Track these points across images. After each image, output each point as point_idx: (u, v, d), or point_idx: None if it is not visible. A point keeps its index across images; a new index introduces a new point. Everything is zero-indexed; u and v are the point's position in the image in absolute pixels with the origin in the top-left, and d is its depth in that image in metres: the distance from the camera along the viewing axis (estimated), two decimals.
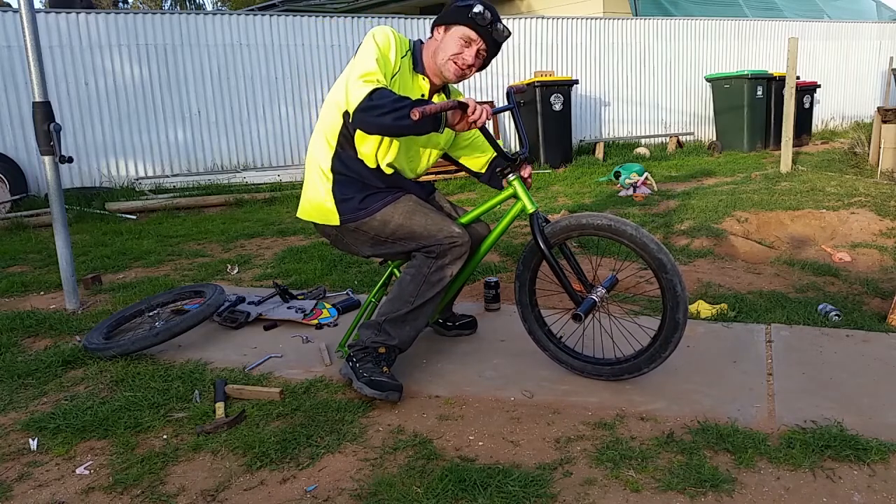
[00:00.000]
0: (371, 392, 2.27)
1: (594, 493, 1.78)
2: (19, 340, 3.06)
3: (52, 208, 3.46)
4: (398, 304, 2.38)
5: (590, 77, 10.08)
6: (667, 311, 2.24)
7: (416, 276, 2.37)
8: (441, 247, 2.34)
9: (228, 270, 4.24)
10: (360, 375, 2.33)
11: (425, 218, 2.38)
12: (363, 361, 2.37)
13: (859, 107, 12.10)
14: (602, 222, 2.27)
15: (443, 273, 2.37)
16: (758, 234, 4.73)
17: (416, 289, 2.36)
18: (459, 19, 2.30)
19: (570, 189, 6.92)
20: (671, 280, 2.20)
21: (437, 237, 2.34)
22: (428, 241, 2.35)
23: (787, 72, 7.00)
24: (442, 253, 2.35)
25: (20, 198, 6.87)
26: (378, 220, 2.38)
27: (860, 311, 3.12)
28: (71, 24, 7.37)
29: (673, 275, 2.19)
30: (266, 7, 13.64)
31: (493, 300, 3.25)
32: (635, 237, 2.22)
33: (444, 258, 2.35)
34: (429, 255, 2.37)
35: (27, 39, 3.26)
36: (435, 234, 2.35)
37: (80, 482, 1.92)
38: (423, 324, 2.44)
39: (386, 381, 2.29)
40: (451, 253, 2.35)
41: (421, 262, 2.37)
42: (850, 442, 1.94)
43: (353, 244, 2.48)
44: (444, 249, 2.34)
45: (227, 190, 7.34)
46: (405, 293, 2.37)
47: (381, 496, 1.79)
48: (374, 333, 2.39)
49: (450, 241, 2.34)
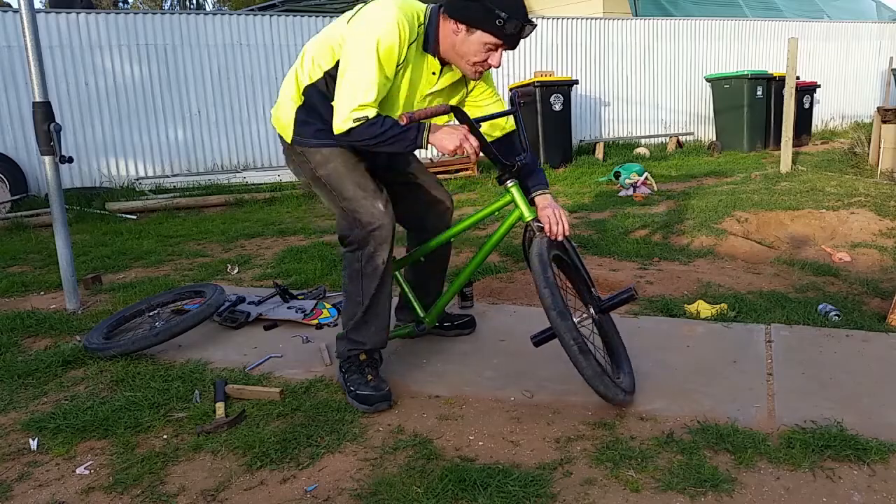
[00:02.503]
0: (359, 407, 2.27)
1: (594, 493, 1.78)
2: (19, 340, 3.06)
3: (52, 208, 3.46)
4: (351, 308, 2.37)
5: (590, 77, 10.08)
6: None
7: (353, 275, 2.34)
8: (360, 234, 2.28)
9: (228, 270, 4.24)
10: (349, 389, 2.33)
11: (361, 180, 2.30)
12: (350, 373, 2.36)
13: (859, 107, 12.10)
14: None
15: (374, 262, 2.30)
16: (758, 234, 4.73)
17: (357, 287, 2.33)
18: (486, 26, 2.08)
19: (570, 189, 6.92)
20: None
21: (358, 213, 2.27)
22: (348, 208, 2.28)
23: (786, 72, 7.00)
24: (363, 242, 2.28)
25: (20, 198, 6.87)
26: (322, 154, 2.31)
27: (860, 311, 3.12)
28: (71, 24, 7.38)
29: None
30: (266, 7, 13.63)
31: (466, 298, 3.27)
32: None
33: (368, 246, 2.28)
34: (352, 251, 2.32)
35: (27, 39, 3.26)
36: (356, 209, 2.27)
37: (80, 482, 1.92)
38: (386, 316, 2.39)
39: (371, 394, 2.27)
40: (372, 240, 2.27)
41: (349, 260, 2.34)
42: (850, 442, 1.94)
43: (297, 170, 2.45)
44: (363, 237, 2.28)
45: (228, 190, 7.34)
46: (352, 295, 2.36)
47: (381, 496, 1.79)
48: (345, 344, 2.39)
49: (368, 226, 2.26)
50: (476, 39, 2.12)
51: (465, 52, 2.16)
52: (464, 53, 2.17)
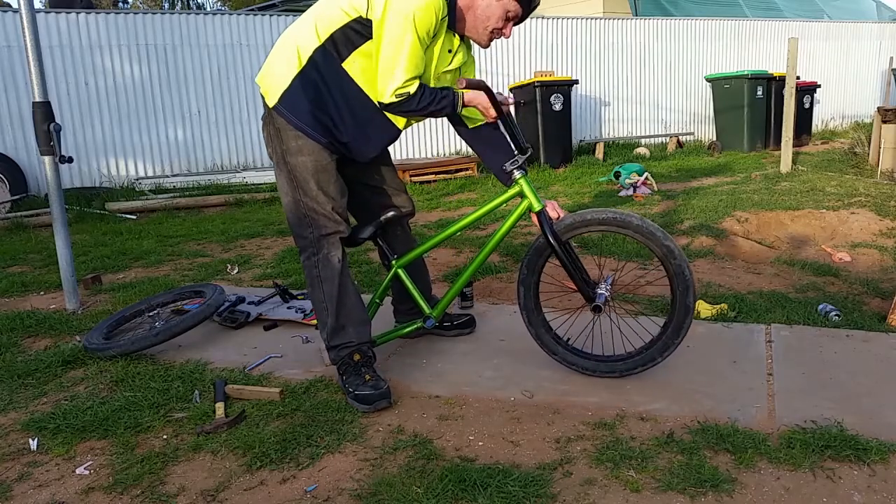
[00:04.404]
0: (360, 407, 2.28)
1: (594, 494, 1.78)
2: (19, 340, 3.06)
3: (52, 208, 3.46)
4: (322, 316, 2.38)
5: (590, 77, 10.08)
6: (677, 296, 2.30)
7: (313, 283, 2.36)
8: (312, 236, 2.31)
9: (228, 270, 4.24)
10: (347, 391, 2.33)
11: (325, 184, 2.30)
12: (347, 374, 2.37)
13: (859, 107, 12.10)
14: (607, 216, 2.31)
15: (330, 263, 2.33)
16: (758, 234, 4.73)
17: (320, 293, 2.35)
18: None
19: (570, 189, 6.92)
20: (680, 266, 2.27)
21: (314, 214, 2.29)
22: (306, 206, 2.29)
23: (787, 72, 7.00)
24: (317, 246, 2.32)
25: (20, 198, 6.87)
26: (298, 142, 2.26)
27: (860, 312, 3.12)
28: (71, 24, 7.37)
29: (681, 260, 2.27)
30: (266, 7, 13.64)
31: (466, 298, 3.27)
32: (641, 227, 2.28)
33: (322, 251, 2.32)
34: (307, 257, 2.35)
35: (27, 39, 3.26)
36: (314, 209, 2.29)
37: (80, 482, 1.92)
38: (359, 311, 2.39)
39: (370, 393, 2.27)
40: (325, 243, 2.32)
41: (307, 269, 2.36)
42: (850, 442, 1.94)
43: (268, 140, 2.35)
44: (316, 240, 2.31)
45: (227, 190, 7.34)
46: (318, 302, 2.37)
47: (381, 496, 1.79)
48: (334, 351, 2.39)
49: (322, 230, 2.30)
50: (500, 5, 2.23)
51: (488, 15, 2.24)
52: (486, 18, 2.24)
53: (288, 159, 2.29)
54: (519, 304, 2.49)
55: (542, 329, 2.48)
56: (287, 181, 2.33)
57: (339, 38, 2.20)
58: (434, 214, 5.91)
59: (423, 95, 2.20)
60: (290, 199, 2.34)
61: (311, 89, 2.23)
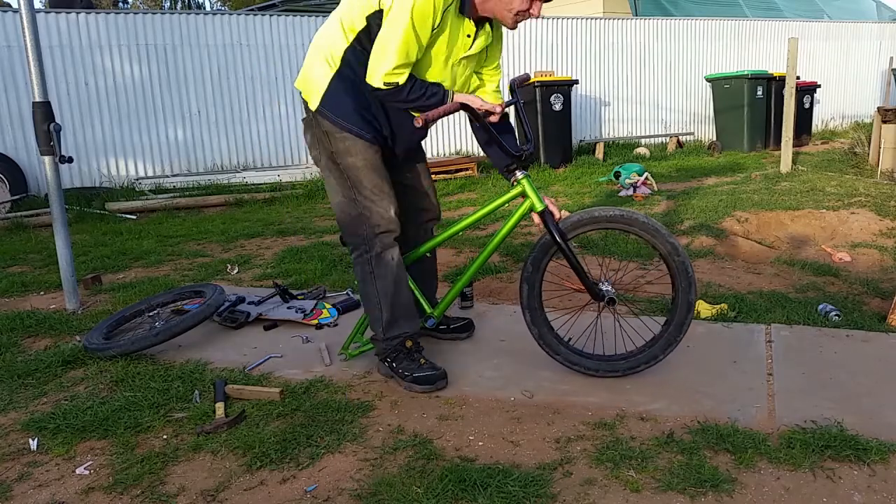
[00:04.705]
0: (422, 388, 2.35)
1: (594, 494, 1.78)
2: (19, 340, 3.06)
3: (52, 208, 3.46)
4: (373, 311, 2.44)
5: (590, 77, 10.08)
6: (679, 293, 2.33)
7: (365, 278, 2.40)
8: (365, 234, 2.35)
9: (228, 270, 4.24)
10: (404, 375, 2.39)
11: (378, 181, 2.34)
12: (399, 360, 2.42)
13: (859, 107, 12.10)
14: (614, 213, 2.34)
15: (383, 260, 2.37)
16: (758, 234, 4.73)
17: (373, 289, 2.41)
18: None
19: (570, 189, 6.92)
20: (683, 263, 2.30)
21: (369, 212, 2.33)
22: (361, 204, 2.32)
23: (787, 72, 7.00)
24: (369, 244, 2.36)
25: (20, 198, 6.87)
26: (347, 143, 2.30)
27: (860, 311, 3.12)
28: (71, 24, 7.37)
29: (684, 257, 2.30)
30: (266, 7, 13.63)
31: (466, 298, 3.28)
32: (647, 225, 2.32)
33: (374, 248, 2.36)
34: (360, 254, 2.39)
35: (27, 39, 3.26)
36: (369, 208, 2.32)
37: (80, 482, 1.92)
38: (410, 303, 2.45)
39: (430, 374, 2.37)
40: (378, 241, 2.36)
41: (360, 265, 2.41)
42: (850, 442, 1.94)
43: (313, 142, 2.39)
44: (369, 239, 2.35)
45: (227, 190, 7.34)
46: (370, 297, 2.42)
47: (381, 496, 1.79)
48: (383, 343, 2.44)
49: (376, 228, 2.34)
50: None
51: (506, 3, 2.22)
52: (507, 3, 2.22)
53: (338, 161, 2.34)
54: (522, 303, 2.46)
55: (545, 329, 2.46)
56: (338, 181, 2.36)
57: (364, 35, 2.24)
58: None
59: (413, 88, 2.22)
60: (342, 198, 2.37)
61: (349, 88, 2.29)
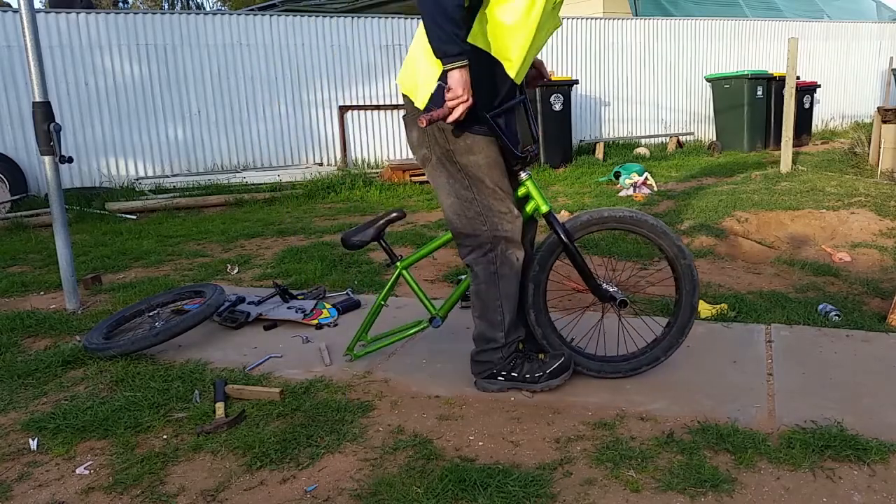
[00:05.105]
0: (561, 379, 2.32)
1: (594, 494, 1.78)
2: (19, 340, 3.06)
3: (52, 208, 3.46)
4: (492, 313, 2.30)
5: (590, 77, 10.07)
6: (683, 296, 2.36)
7: (489, 279, 2.27)
8: (487, 235, 2.23)
9: (228, 270, 4.24)
10: (535, 378, 2.32)
11: (500, 179, 2.22)
12: (520, 367, 2.33)
13: (859, 107, 12.09)
14: (622, 214, 2.35)
15: (509, 261, 2.26)
16: (758, 234, 4.73)
17: (496, 291, 2.28)
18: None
19: (570, 189, 6.92)
20: (689, 266, 2.33)
21: (490, 212, 2.21)
22: (483, 204, 2.21)
23: (787, 72, 6.99)
24: (493, 243, 2.24)
25: (20, 198, 6.87)
26: (466, 142, 2.17)
27: (860, 312, 3.12)
28: (71, 24, 7.37)
29: (690, 261, 2.33)
30: (266, 7, 13.64)
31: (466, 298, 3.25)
32: (655, 227, 2.33)
33: (499, 246, 2.25)
34: (482, 254, 2.27)
35: (27, 39, 3.26)
36: (491, 208, 2.21)
37: (80, 482, 1.92)
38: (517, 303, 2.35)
39: (559, 363, 2.32)
40: (503, 241, 2.24)
41: (483, 265, 2.27)
42: (850, 442, 1.94)
43: (422, 141, 2.23)
44: (492, 239, 2.24)
45: (227, 190, 7.33)
46: (491, 299, 2.29)
47: (381, 496, 1.79)
48: (504, 349, 2.33)
49: (499, 228, 2.22)
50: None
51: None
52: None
53: (457, 159, 2.21)
54: (527, 302, 2.42)
55: (548, 329, 2.44)
56: (452, 181, 2.23)
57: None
58: (434, 215, 5.91)
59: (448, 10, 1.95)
60: (456, 199, 2.24)
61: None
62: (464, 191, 2.23)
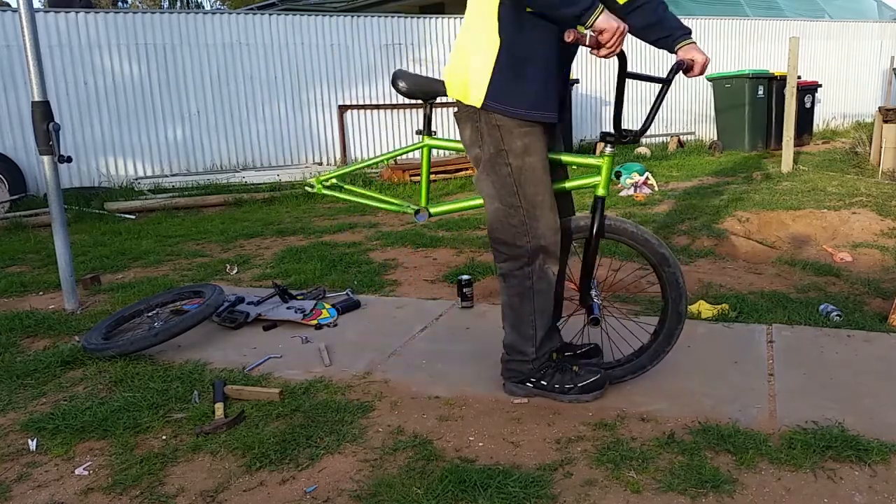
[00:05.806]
0: (587, 397, 2.24)
1: (595, 494, 1.77)
2: (18, 340, 3.05)
3: (50, 208, 3.45)
4: (527, 331, 2.23)
5: (590, 77, 10.07)
6: (669, 304, 2.29)
7: (523, 294, 2.19)
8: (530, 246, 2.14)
9: (228, 270, 4.23)
10: (565, 389, 2.25)
11: (546, 187, 2.12)
12: (551, 377, 2.27)
13: (860, 106, 12.09)
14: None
15: (546, 276, 2.18)
16: (759, 234, 4.72)
17: (529, 306, 2.20)
18: None
19: None
20: (674, 273, 2.26)
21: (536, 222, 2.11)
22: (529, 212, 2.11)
23: (788, 71, 6.99)
24: (532, 255, 2.15)
25: (19, 198, 6.86)
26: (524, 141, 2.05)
27: (861, 312, 3.11)
28: (70, 23, 7.37)
29: (675, 268, 2.26)
30: (266, 7, 13.65)
31: (466, 298, 3.26)
32: (636, 234, 2.27)
33: (537, 260, 2.16)
34: (519, 267, 2.18)
35: (27, 39, 3.25)
36: (538, 218, 2.11)
37: (79, 483, 1.92)
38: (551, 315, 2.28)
39: (593, 380, 2.25)
40: (542, 253, 2.16)
41: (518, 279, 2.19)
42: (851, 442, 1.94)
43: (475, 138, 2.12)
44: (533, 250, 2.15)
45: (227, 190, 7.33)
46: (524, 314, 2.22)
47: (380, 497, 1.78)
48: (534, 363, 2.27)
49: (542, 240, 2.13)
50: None
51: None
52: None
53: (510, 161, 2.09)
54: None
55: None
56: (499, 186, 2.12)
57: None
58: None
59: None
60: (501, 205, 2.14)
61: (519, 64, 2.02)
62: (510, 198, 2.12)
